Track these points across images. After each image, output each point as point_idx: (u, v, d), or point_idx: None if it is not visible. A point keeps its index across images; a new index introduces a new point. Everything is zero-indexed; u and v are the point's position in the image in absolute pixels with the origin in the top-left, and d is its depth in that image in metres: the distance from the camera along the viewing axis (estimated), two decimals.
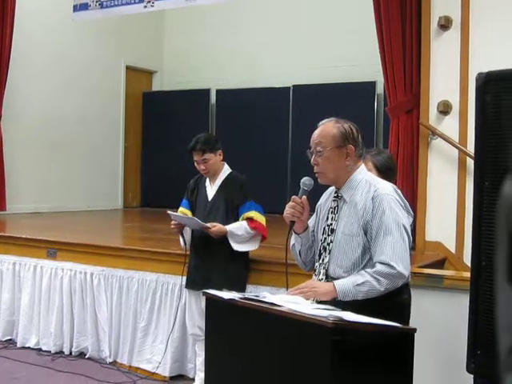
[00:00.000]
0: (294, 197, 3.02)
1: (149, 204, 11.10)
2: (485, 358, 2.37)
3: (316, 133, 2.97)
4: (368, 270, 2.79)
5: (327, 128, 2.95)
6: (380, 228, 2.80)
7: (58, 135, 9.56)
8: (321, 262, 2.98)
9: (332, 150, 2.90)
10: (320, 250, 3.00)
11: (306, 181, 3.00)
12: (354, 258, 2.86)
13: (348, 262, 2.87)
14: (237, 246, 4.38)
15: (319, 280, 2.94)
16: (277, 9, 10.23)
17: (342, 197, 2.96)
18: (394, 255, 2.77)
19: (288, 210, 3.00)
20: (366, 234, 2.85)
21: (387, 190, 2.89)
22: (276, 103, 9.97)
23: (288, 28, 10.12)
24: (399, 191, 2.96)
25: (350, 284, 2.77)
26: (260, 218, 4.42)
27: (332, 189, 3.09)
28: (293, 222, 3.02)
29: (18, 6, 8.07)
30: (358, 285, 2.76)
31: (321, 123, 3.00)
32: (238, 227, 4.35)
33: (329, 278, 2.92)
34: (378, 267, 2.77)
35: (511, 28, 4.98)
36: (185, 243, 4.53)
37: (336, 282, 2.80)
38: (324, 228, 3.00)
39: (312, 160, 2.95)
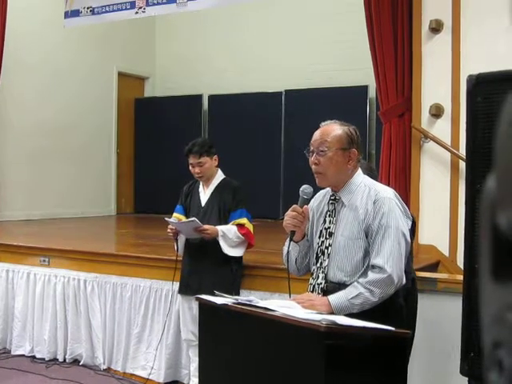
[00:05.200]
0: (294, 206, 2.93)
1: (142, 210, 11.08)
2: (478, 360, 2.37)
3: (319, 132, 2.88)
4: (361, 280, 2.75)
5: (333, 128, 2.88)
6: (379, 231, 2.77)
7: (49, 142, 9.53)
8: (319, 265, 2.92)
9: (336, 151, 2.83)
10: (317, 254, 2.94)
11: (305, 189, 2.93)
12: (355, 261, 2.82)
13: (349, 266, 2.83)
14: (227, 250, 4.37)
15: (318, 284, 2.90)
16: (268, 14, 10.24)
17: (339, 200, 2.91)
18: (390, 259, 2.74)
19: (289, 220, 2.92)
20: (367, 236, 2.82)
21: (389, 193, 2.86)
22: (268, 108, 9.98)
23: (279, 33, 10.13)
24: (398, 196, 2.93)
25: (344, 298, 2.73)
26: (250, 226, 4.45)
27: (324, 191, 3.05)
28: (293, 232, 2.94)
29: (8, 12, 8.01)
30: (352, 298, 2.72)
31: (324, 124, 2.93)
32: (229, 229, 4.35)
33: (328, 281, 2.87)
34: (370, 276, 2.74)
35: (502, 30, 4.99)
36: (177, 249, 4.52)
37: (330, 298, 2.75)
38: (321, 231, 2.94)
39: (312, 159, 2.86)
